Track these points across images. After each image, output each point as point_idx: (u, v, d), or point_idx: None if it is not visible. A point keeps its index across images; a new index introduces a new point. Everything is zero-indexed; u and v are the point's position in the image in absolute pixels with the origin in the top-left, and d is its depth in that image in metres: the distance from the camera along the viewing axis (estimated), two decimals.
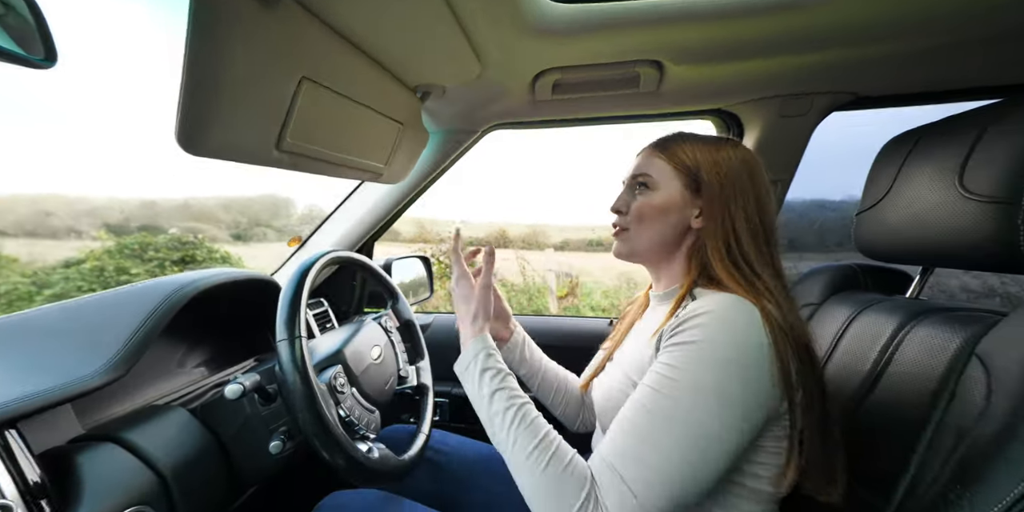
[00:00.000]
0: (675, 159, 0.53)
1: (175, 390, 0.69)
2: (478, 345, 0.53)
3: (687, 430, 0.40)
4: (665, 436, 0.40)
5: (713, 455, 0.39)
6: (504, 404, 0.47)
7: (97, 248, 3.32)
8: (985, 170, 0.44)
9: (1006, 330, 0.41)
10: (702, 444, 0.39)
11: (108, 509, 0.42)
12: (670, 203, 0.52)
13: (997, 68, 0.68)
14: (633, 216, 0.55)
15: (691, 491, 0.39)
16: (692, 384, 0.41)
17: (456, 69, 0.71)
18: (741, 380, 0.40)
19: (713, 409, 0.40)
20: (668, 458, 0.39)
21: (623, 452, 0.41)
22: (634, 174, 0.56)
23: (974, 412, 0.38)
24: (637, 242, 0.55)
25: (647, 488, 0.39)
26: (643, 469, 0.40)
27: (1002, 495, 0.32)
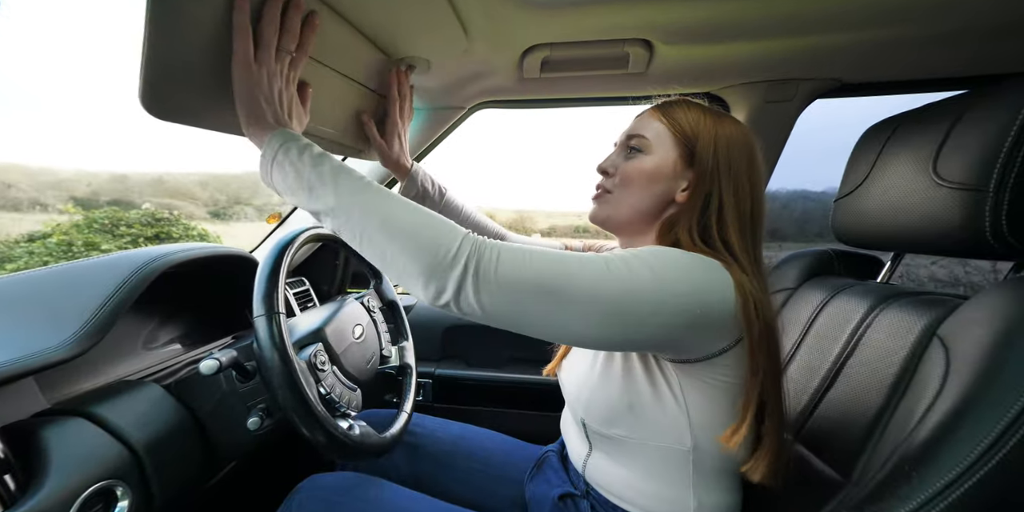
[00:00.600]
0: (676, 125, 0.49)
1: (148, 366, 0.68)
2: (283, 135, 0.41)
3: (613, 272, 0.37)
4: (591, 262, 0.38)
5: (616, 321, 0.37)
6: (332, 167, 0.40)
7: (64, 222, 3.16)
8: (957, 157, 0.45)
9: (966, 313, 0.43)
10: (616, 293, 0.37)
11: (76, 484, 0.41)
12: (661, 171, 0.49)
13: (976, 58, 0.69)
14: (619, 179, 0.51)
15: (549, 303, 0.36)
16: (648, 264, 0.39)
17: (441, 41, 0.68)
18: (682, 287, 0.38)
19: (647, 286, 0.37)
20: (555, 263, 0.37)
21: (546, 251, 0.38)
22: (629, 134, 0.52)
23: (931, 392, 0.40)
24: (617, 207, 0.52)
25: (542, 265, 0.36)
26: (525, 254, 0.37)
27: (946, 472, 0.33)
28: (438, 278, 0.36)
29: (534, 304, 0.37)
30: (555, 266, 0.37)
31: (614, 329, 0.38)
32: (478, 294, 0.36)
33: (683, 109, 0.50)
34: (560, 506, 0.54)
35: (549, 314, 0.37)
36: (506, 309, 0.37)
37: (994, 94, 0.44)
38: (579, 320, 0.37)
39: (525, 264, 0.37)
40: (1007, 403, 0.33)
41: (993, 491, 0.32)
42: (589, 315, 0.37)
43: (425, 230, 0.37)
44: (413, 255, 0.37)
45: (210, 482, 0.63)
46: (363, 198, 0.39)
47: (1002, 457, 0.32)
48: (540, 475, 0.61)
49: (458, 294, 0.36)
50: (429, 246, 0.37)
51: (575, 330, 0.38)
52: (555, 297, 0.37)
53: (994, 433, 0.33)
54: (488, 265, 0.36)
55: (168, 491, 0.51)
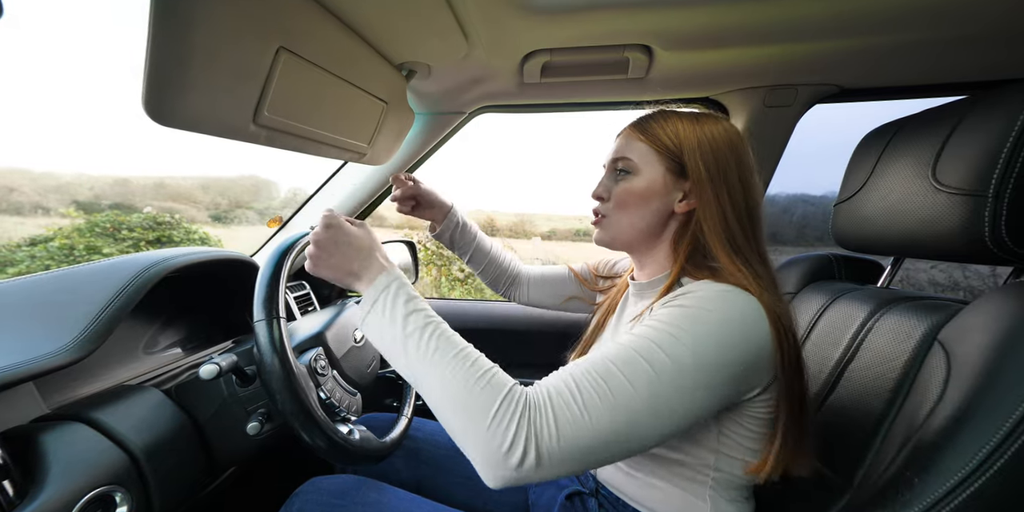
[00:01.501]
0: (657, 142, 0.50)
1: (149, 371, 0.68)
2: (386, 277, 0.44)
3: (649, 391, 0.36)
4: (620, 390, 0.36)
5: (661, 424, 0.37)
6: (421, 322, 0.41)
7: (66, 225, 3.17)
8: (957, 163, 0.45)
9: (967, 318, 0.42)
10: (657, 409, 0.36)
11: (75, 489, 0.41)
12: (652, 189, 0.50)
13: (975, 65, 0.69)
14: (614, 203, 0.52)
15: (615, 450, 0.36)
16: (671, 345, 0.38)
17: (443, 47, 0.69)
18: (725, 356, 0.38)
19: (686, 380, 0.37)
20: (613, 411, 0.36)
21: (570, 389, 0.37)
22: (615, 157, 0.53)
23: (933, 397, 0.40)
24: (618, 229, 0.53)
25: (597, 411, 0.35)
26: (602, 392, 0.36)
27: (947, 479, 0.33)
28: (502, 463, 0.35)
29: (606, 454, 0.36)
30: (614, 413, 0.36)
31: (681, 424, 0.38)
32: (544, 470, 0.35)
33: (660, 122, 0.51)
34: (567, 505, 0.54)
35: (622, 452, 0.37)
36: (579, 468, 0.36)
37: (993, 100, 0.44)
38: (655, 435, 0.37)
39: (585, 426, 0.35)
40: (1008, 409, 0.33)
41: (995, 497, 0.32)
42: (662, 425, 0.37)
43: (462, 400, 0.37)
44: (472, 439, 0.36)
45: (210, 487, 0.63)
46: (413, 358, 0.40)
47: (1004, 463, 0.32)
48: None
49: (527, 478, 0.35)
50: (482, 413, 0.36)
51: (655, 440, 0.38)
52: (622, 442, 0.36)
53: (996, 439, 0.32)
54: (549, 443, 0.35)
55: (167, 496, 0.51)
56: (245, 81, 0.47)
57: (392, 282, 0.44)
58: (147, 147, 5.73)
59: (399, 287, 0.44)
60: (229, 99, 0.47)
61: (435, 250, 5.31)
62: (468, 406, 0.36)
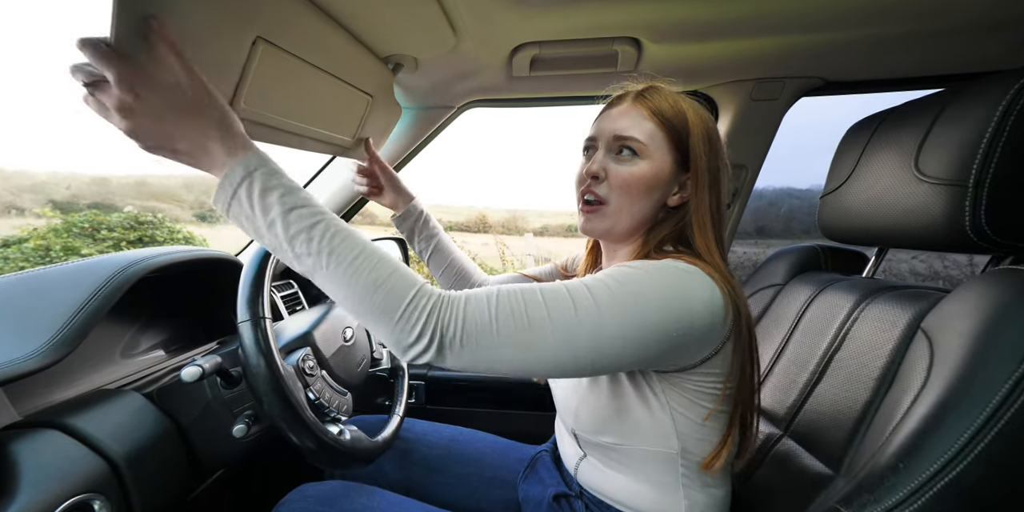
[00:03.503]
0: (668, 124, 0.45)
1: (129, 374, 0.65)
2: (248, 161, 0.35)
3: (563, 323, 0.36)
4: (536, 314, 0.36)
5: (564, 356, 0.36)
6: (307, 221, 0.35)
7: (42, 226, 3.07)
8: (938, 153, 0.46)
9: (948, 306, 0.43)
10: (566, 342, 0.36)
11: (50, 498, 0.40)
12: (659, 178, 0.46)
13: (956, 57, 0.70)
14: (618, 187, 0.46)
15: (513, 365, 0.36)
16: (603, 292, 0.37)
17: (429, 39, 0.67)
18: (656, 318, 0.37)
19: (604, 325, 0.36)
20: (522, 330, 0.35)
21: (489, 300, 0.36)
22: (619, 135, 0.46)
23: (917, 384, 0.41)
24: (618, 218, 0.48)
25: (508, 327, 0.35)
26: (519, 312, 0.36)
27: (930, 463, 0.34)
28: (405, 350, 0.36)
29: (507, 362, 0.36)
30: (520, 325, 0.36)
31: (590, 365, 0.38)
32: (445, 360, 0.36)
33: (668, 102, 0.46)
34: (555, 506, 0.54)
35: (523, 365, 0.37)
36: (481, 368, 0.37)
37: (972, 91, 0.45)
38: (554, 367, 0.37)
39: (490, 334, 0.36)
40: (989, 394, 0.33)
41: (976, 480, 0.33)
42: (563, 361, 0.37)
43: (383, 294, 0.35)
44: (378, 320, 0.35)
45: (196, 491, 0.61)
46: (305, 257, 0.35)
47: (984, 447, 0.33)
48: (534, 475, 0.61)
49: (430, 360, 0.36)
50: (390, 315, 0.35)
51: (551, 372, 0.38)
52: (526, 354, 0.36)
53: (976, 424, 0.33)
54: (453, 338, 0.35)
55: (150, 503, 0.49)
56: (219, 72, 0.45)
57: (259, 166, 0.35)
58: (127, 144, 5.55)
59: (268, 173, 0.35)
60: None
61: None
62: (376, 307, 0.35)
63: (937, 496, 0.33)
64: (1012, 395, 0.33)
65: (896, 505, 0.35)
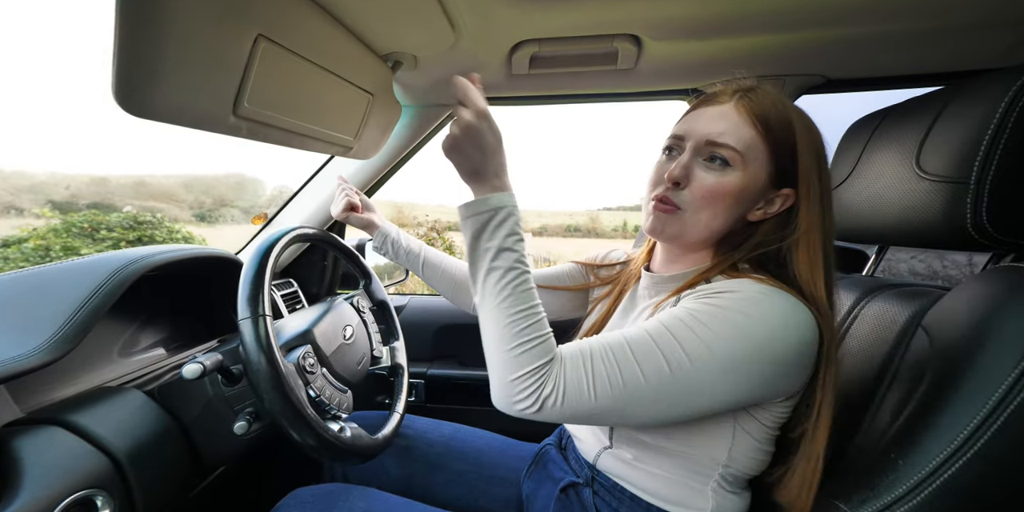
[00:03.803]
0: (771, 135, 0.41)
1: (130, 372, 0.66)
2: (508, 200, 0.42)
3: (658, 384, 0.37)
4: (631, 377, 0.37)
5: (660, 411, 0.38)
6: (510, 263, 0.40)
7: (41, 226, 3.07)
8: (939, 151, 0.45)
9: (948, 303, 0.43)
10: (660, 399, 0.38)
11: (53, 494, 0.40)
12: (749, 192, 0.42)
13: (957, 54, 0.70)
14: (700, 197, 0.43)
15: (607, 420, 0.40)
16: (695, 345, 0.37)
17: (429, 37, 0.67)
18: (754, 357, 0.37)
19: (702, 379, 0.37)
20: (617, 394, 0.38)
21: (585, 366, 0.39)
22: (711, 141, 0.42)
23: (916, 380, 0.41)
24: (691, 227, 0.45)
25: (604, 393, 0.37)
26: (614, 377, 0.38)
27: (929, 460, 0.34)
28: (508, 406, 0.40)
29: (605, 419, 0.40)
30: (616, 391, 0.38)
31: (687, 415, 0.39)
32: (544, 418, 0.39)
33: (775, 108, 0.42)
34: (562, 498, 0.53)
35: (620, 420, 0.40)
36: (570, 423, 0.41)
37: (974, 88, 0.45)
38: (650, 420, 0.40)
39: (587, 401, 0.38)
40: (988, 392, 0.33)
41: (975, 477, 0.33)
42: (659, 415, 0.39)
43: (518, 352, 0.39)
44: (500, 370, 0.40)
45: (198, 488, 0.61)
46: (487, 292, 0.41)
47: (983, 443, 0.33)
48: (540, 471, 0.61)
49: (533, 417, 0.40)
50: (512, 372, 0.39)
51: (649, 424, 0.42)
52: (622, 412, 0.39)
53: (975, 421, 0.33)
54: (554, 402, 0.38)
55: (153, 499, 0.49)
56: (222, 70, 0.45)
57: (505, 208, 0.41)
58: (126, 145, 5.53)
59: (508, 216, 0.41)
60: (206, 89, 0.45)
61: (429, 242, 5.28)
62: (506, 360, 0.39)
63: (936, 492, 0.33)
64: (1011, 393, 0.32)
65: (895, 501, 0.35)
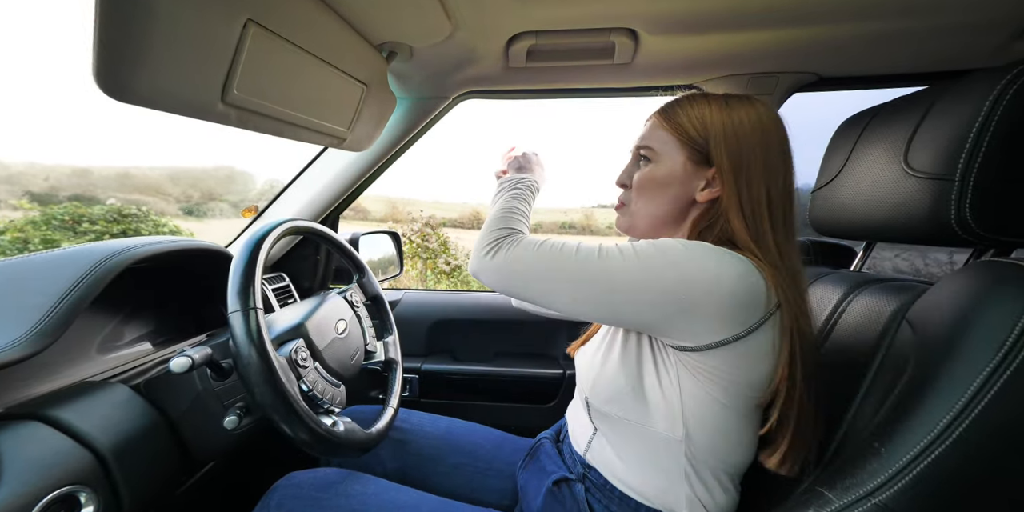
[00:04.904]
0: (679, 130, 0.50)
1: (115, 366, 0.64)
2: (529, 178, 0.62)
3: (605, 263, 0.44)
4: (585, 250, 0.46)
5: (597, 294, 0.44)
6: (512, 187, 0.60)
7: (19, 218, 2.97)
8: (927, 148, 0.46)
9: (932, 297, 0.44)
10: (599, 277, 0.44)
11: (33, 490, 0.39)
12: (671, 176, 0.50)
13: (946, 54, 0.72)
14: (636, 189, 0.53)
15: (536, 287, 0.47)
16: (643, 252, 0.43)
17: (425, 27, 0.66)
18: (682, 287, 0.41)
19: (636, 279, 0.42)
20: (570, 256, 0.46)
21: (559, 239, 0.48)
22: (638, 145, 0.54)
23: (900, 373, 0.42)
24: (636, 216, 0.54)
25: (542, 254, 0.46)
26: (555, 248, 0.47)
27: (910, 447, 0.35)
28: (474, 262, 0.52)
29: (535, 280, 0.48)
30: (552, 253, 0.47)
31: (600, 307, 0.45)
32: (491, 262, 0.49)
33: (686, 109, 0.50)
34: (554, 491, 0.54)
35: (546, 288, 0.47)
36: (514, 282, 0.49)
37: (960, 87, 0.46)
38: (569, 297, 0.46)
39: (531, 251, 0.48)
40: (967, 381, 0.34)
41: (955, 463, 0.34)
42: (577, 293, 0.45)
43: (492, 227, 0.53)
44: (482, 234, 0.54)
45: (187, 483, 0.61)
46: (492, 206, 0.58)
47: (962, 431, 0.33)
48: (535, 462, 0.61)
49: (480, 267, 0.51)
50: (486, 235, 0.53)
51: (567, 304, 0.46)
52: (548, 278, 0.46)
53: (955, 409, 0.34)
54: (506, 252, 0.49)
55: (139, 495, 0.49)
56: (210, 54, 0.44)
57: (524, 180, 0.62)
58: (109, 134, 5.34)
59: (521, 181, 0.61)
60: (193, 73, 0.44)
61: (420, 243, 5.25)
62: (484, 233, 0.53)
63: (917, 479, 0.34)
64: (988, 382, 0.33)
65: (877, 488, 0.36)
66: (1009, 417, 0.33)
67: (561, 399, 1.08)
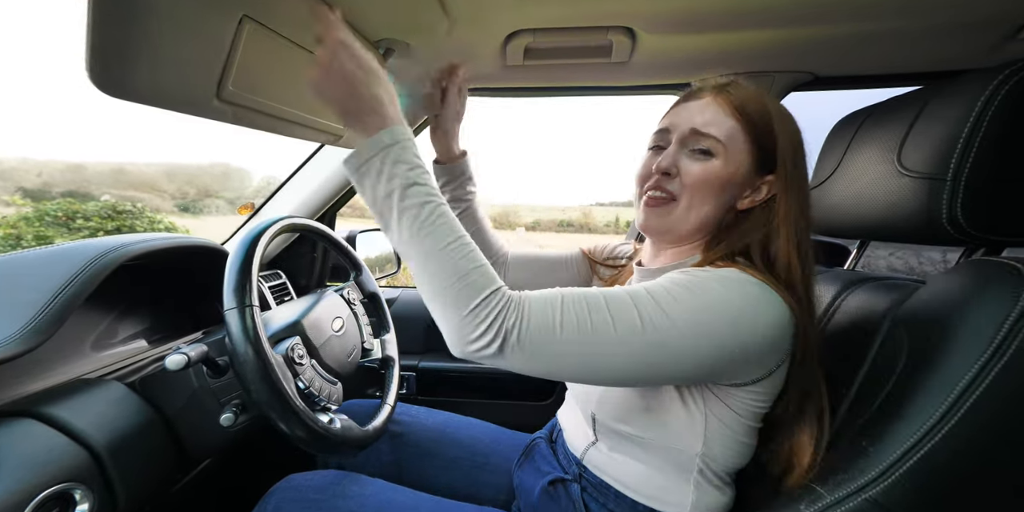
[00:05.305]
0: (751, 124, 0.43)
1: (110, 364, 0.64)
2: (396, 133, 0.38)
3: (628, 337, 0.36)
4: (601, 325, 0.36)
5: (627, 370, 0.37)
6: (422, 198, 0.37)
7: (11, 214, 2.94)
8: (920, 147, 0.47)
9: (923, 295, 0.45)
10: (629, 355, 0.36)
11: (26, 488, 0.39)
12: (734, 178, 0.44)
13: (940, 55, 0.72)
14: (691, 184, 0.44)
15: (571, 373, 0.37)
16: (669, 304, 0.37)
17: (421, 24, 0.66)
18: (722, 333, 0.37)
19: (670, 340, 0.36)
20: (584, 341, 0.36)
21: (554, 305, 0.37)
22: (696, 130, 0.44)
23: (890, 371, 0.42)
24: (685, 217, 0.45)
25: (571, 335, 0.35)
26: (584, 322, 0.36)
27: (898, 445, 0.35)
28: (467, 344, 0.37)
29: (568, 369, 0.37)
30: (584, 336, 0.36)
31: (649, 377, 0.38)
32: (506, 360, 0.37)
33: (753, 99, 0.44)
34: (550, 491, 0.54)
35: (584, 372, 0.38)
36: (540, 371, 0.38)
37: (954, 87, 0.46)
38: (613, 376, 0.38)
39: (553, 342, 0.36)
40: (956, 378, 0.35)
41: (944, 458, 0.34)
42: (624, 371, 0.37)
43: (464, 284, 0.36)
44: (449, 308, 0.37)
45: (183, 481, 0.61)
46: (405, 233, 0.38)
47: (951, 427, 0.34)
48: (529, 463, 0.61)
49: (488, 358, 0.37)
50: (463, 305, 0.36)
51: (607, 382, 0.39)
52: (587, 362, 0.37)
53: (943, 407, 0.35)
54: (517, 339, 0.36)
55: (134, 492, 0.48)
56: (205, 50, 0.44)
57: (397, 142, 0.38)
58: (104, 130, 5.28)
59: (403, 149, 0.38)
60: (188, 69, 0.43)
61: None
62: (450, 296, 0.36)
63: (907, 473, 0.35)
64: (978, 378, 0.34)
65: (869, 482, 0.36)
66: (999, 411, 0.33)
67: (558, 396, 1.08)
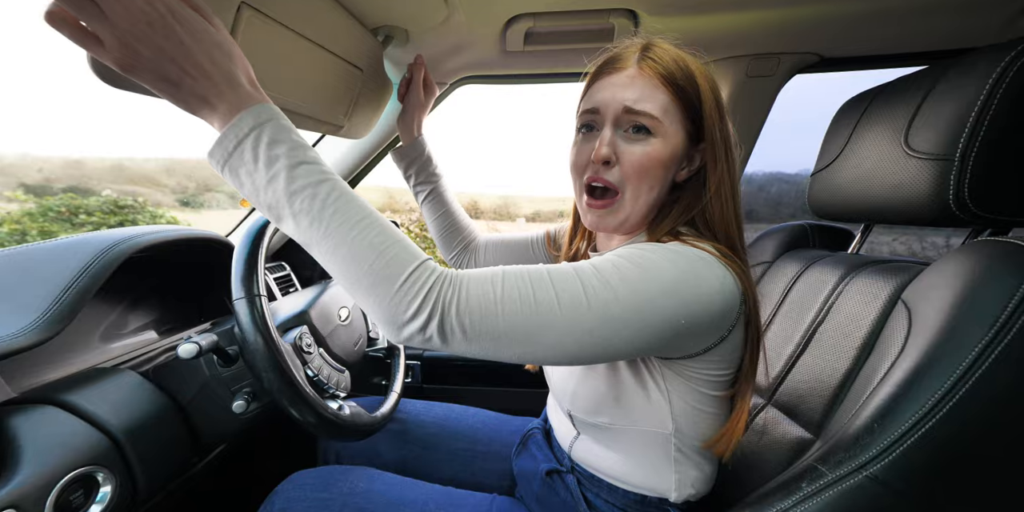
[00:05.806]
0: (683, 94, 0.40)
1: (124, 353, 0.65)
2: (261, 112, 0.33)
3: (571, 309, 0.34)
4: (544, 297, 0.33)
5: (570, 343, 0.34)
6: (315, 176, 0.32)
7: (15, 210, 2.95)
8: (928, 129, 0.46)
9: (927, 278, 0.45)
10: (573, 329, 0.34)
11: (53, 471, 0.40)
12: (674, 156, 0.41)
13: (948, 33, 0.70)
14: (634, 173, 0.41)
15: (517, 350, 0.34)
16: (613, 276, 0.35)
17: (420, 10, 0.65)
18: (666, 306, 0.35)
19: (613, 312, 0.34)
20: (529, 314, 0.33)
21: (495, 280, 0.34)
22: (629, 108, 0.40)
23: (894, 352, 0.43)
24: (633, 209, 0.43)
25: (514, 310, 0.33)
26: (527, 297, 0.33)
27: (901, 423, 0.36)
28: (400, 327, 0.33)
29: (510, 349, 0.34)
30: (527, 310, 0.33)
31: (594, 352, 0.36)
32: (445, 342, 0.34)
33: (676, 63, 0.40)
34: (548, 481, 0.55)
35: (526, 351, 0.35)
36: (480, 353, 0.35)
37: (961, 67, 0.45)
38: (558, 354, 0.35)
39: (494, 315, 0.33)
40: (959, 358, 0.35)
41: (945, 436, 0.35)
42: (569, 348, 0.35)
43: (385, 260, 0.32)
44: (374, 288, 0.32)
45: (199, 465, 0.62)
46: (304, 219, 0.33)
47: (952, 406, 0.35)
48: (526, 452, 0.62)
49: (426, 341, 0.34)
50: (389, 284, 0.32)
51: (553, 360, 0.36)
52: (530, 339, 0.34)
53: (946, 385, 0.35)
54: (456, 319, 0.33)
55: (153, 475, 0.50)
56: None
57: (268, 121, 0.32)
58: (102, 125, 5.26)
59: (277, 128, 0.32)
60: None
61: (419, 233, 5.22)
62: (372, 279, 0.32)
63: (908, 451, 0.36)
64: (981, 357, 0.34)
65: (870, 460, 0.37)
66: (1000, 390, 0.33)
67: None
